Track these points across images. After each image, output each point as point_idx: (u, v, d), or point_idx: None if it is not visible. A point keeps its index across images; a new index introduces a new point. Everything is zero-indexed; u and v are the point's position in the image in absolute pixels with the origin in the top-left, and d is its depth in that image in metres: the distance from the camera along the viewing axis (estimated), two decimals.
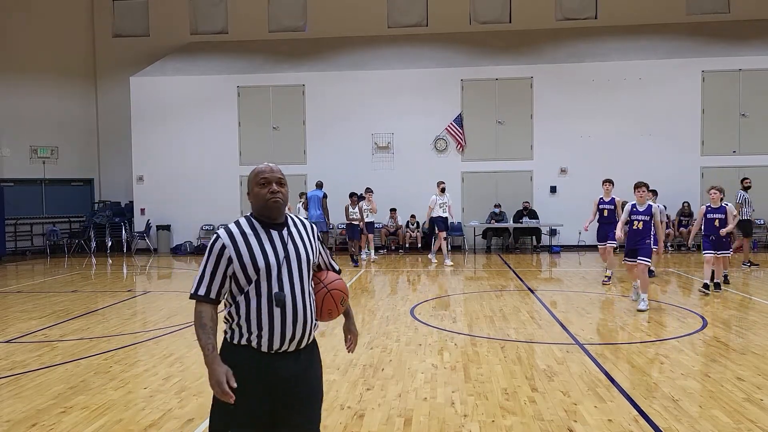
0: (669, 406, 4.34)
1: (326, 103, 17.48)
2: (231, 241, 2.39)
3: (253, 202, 2.48)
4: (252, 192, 2.48)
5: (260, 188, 2.46)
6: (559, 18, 18.70)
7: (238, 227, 2.43)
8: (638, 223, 8.05)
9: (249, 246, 2.38)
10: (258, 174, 2.50)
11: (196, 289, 2.40)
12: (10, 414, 4.41)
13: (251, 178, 2.51)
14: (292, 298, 2.40)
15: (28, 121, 18.43)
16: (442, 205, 13.49)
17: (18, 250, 18.13)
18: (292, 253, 2.45)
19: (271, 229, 2.45)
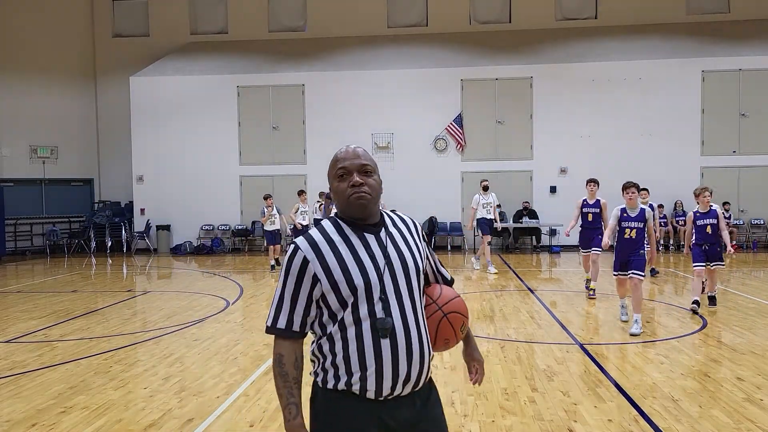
0: (669, 406, 4.34)
1: (326, 103, 17.47)
2: (315, 252, 1.83)
3: (336, 201, 1.93)
4: (332, 187, 1.94)
5: (339, 182, 1.89)
6: (558, 18, 18.69)
7: (322, 233, 1.88)
8: (630, 231, 6.78)
9: (340, 257, 1.82)
10: (335, 163, 1.92)
11: (273, 321, 1.86)
12: (10, 414, 4.41)
13: (329, 168, 1.96)
14: (402, 324, 1.81)
15: (28, 120, 18.43)
16: (485, 205, 12.01)
17: (18, 250, 18.13)
18: (396, 263, 1.87)
19: (365, 233, 1.88)
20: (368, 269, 1.82)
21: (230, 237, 17.86)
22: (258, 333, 7.00)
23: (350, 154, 1.91)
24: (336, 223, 1.91)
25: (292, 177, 17.36)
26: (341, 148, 1.95)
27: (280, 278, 1.89)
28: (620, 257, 6.85)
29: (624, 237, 6.81)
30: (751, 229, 16.50)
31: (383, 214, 1.97)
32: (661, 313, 7.81)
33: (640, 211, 6.82)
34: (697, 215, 7.70)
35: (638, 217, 6.81)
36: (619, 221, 6.85)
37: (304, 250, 1.84)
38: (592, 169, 16.39)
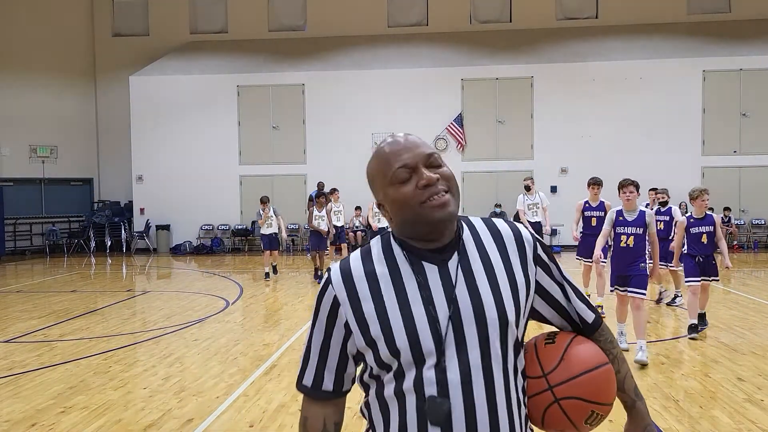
0: (669, 406, 4.33)
1: (326, 102, 17.46)
2: (348, 290, 1.30)
3: (393, 215, 1.32)
4: (385, 197, 1.32)
5: (401, 186, 1.28)
6: (559, 17, 18.68)
7: (364, 260, 1.33)
8: (627, 238, 5.68)
9: (380, 301, 1.27)
10: (386, 162, 1.31)
11: (299, 376, 1.40)
12: (9, 414, 4.40)
13: (376, 172, 1.34)
14: (466, 409, 1.21)
15: (28, 120, 18.41)
16: (531, 206, 10.51)
17: (17, 250, 18.11)
18: (468, 312, 1.25)
19: (425, 261, 1.29)
20: (418, 324, 1.23)
21: (230, 237, 17.84)
22: (258, 333, 6.99)
23: (405, 144, 1.31)
24: (387, 244, 1.34)
25: (292, 177, 17.35)
26: (385, 141, 1.36)
27: (311, 318, 1.39)
28: (617, 270, 5.74)
29: (620, 246, 5.70)
30: (752, 229, 16.49)
31: (461, 227, 1.34)
32: (662, 312, 7.79)
33: (639, 215, 5.69)
34: (691, 221, 6.45)
35: (636, 221, 5.67)
36: (614, 226, 5.77)
37: (336, 285, 1.31)
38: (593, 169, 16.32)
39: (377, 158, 1.34)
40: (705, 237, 6.43)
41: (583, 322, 1.43)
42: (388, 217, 1.34)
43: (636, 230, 5.67)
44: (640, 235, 5.67)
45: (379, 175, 1.33)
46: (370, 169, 1.37)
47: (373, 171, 1.36)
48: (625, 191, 5.72)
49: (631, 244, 5.64)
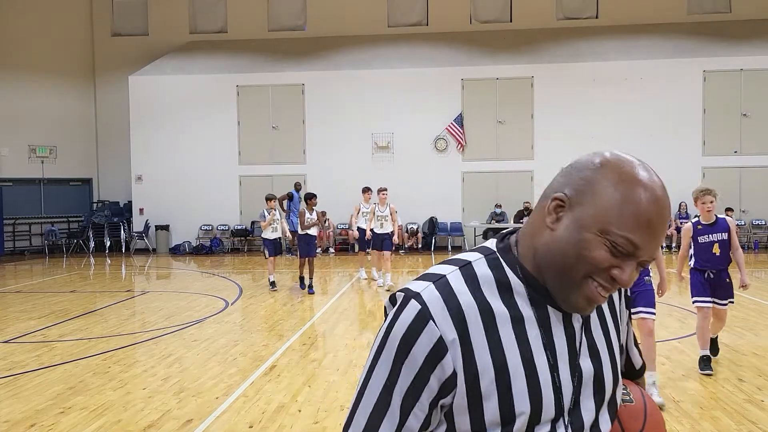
0: (670, 407, 4.31)
1: (326, 102, 17.45)
2: (458, 328, 0.96)
3: (556, 251, 0.97)
4: (578, 226, 0.95)
5: (606, 252, 0.93)
6: (559, 17, 18.67)
7: (472, 286, 0.99)
8: None
9: (498, 349, 0.97)
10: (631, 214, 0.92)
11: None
12: (8, 414, 4.39)
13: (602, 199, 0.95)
14: None
15: (27, 120, 18.40)
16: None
17: (16, 250, 18.10)
18: (588, 374, 1.03)
19: (551, 306, 1.01)
20: (543, 389, 0.98)
21: (229, 237, 17.83)
22: (257, 334, 6.97)
23: (663, 222, 0.94)
24: (500, 269, 1.01)
25: (292, 177, 17.32)
26: (658, 190, 0.95)
27: (377, 356, 1.00)
28: None
29: None
30: (752, 230, 16.48)
31: None
32: (663, 313, 7.78)
33: None
34: (699, 228, 5.16)
35: None
36: None
37: (441, 322, 0.95)
38: None
39: (624, 197, 0.93)
40: (717, 247, 5.11)
41: (632, 367, 1.24)
42: (546, 223, 0.99)
43: None
44: None
45: (609, 211, 0.93)
46: (606, 188, 0.95)
47: (606, 197, 0.94)
48: None
49: None
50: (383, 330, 1.00)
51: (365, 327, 7.18)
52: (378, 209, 10.51)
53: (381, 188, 10.66)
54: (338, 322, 7.47)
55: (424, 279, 1.02)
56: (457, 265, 1.03)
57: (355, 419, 1.02)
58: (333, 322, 7.54)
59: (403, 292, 1.00)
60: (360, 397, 1.01)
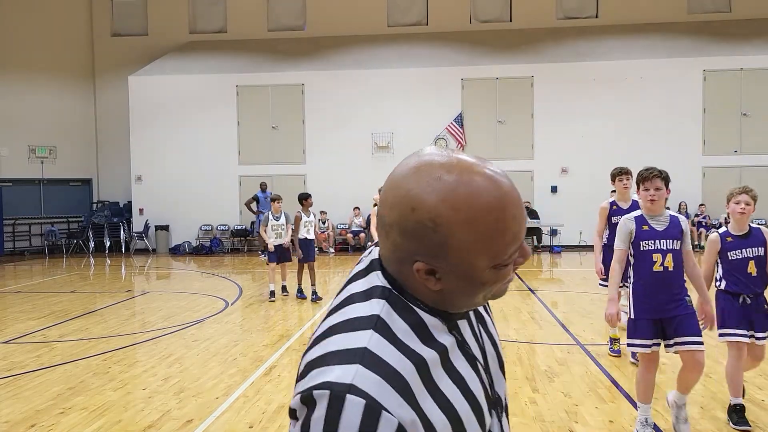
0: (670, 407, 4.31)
1: (326, 102, 17.45)
2: (409, 402, 0.82)
3: (454, 287, 0.90)
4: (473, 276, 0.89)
5: (503, 268, 0.90)
6: (559, 17, 18.67)
7: (397, 343, 0.86)
8: (662, 258, 3.73)
9: (439, 395, 0.88)
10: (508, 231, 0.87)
11: None
12: (8, 415, 4.38)
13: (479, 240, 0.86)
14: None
15: (26, 120, 18.40)
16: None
17: (16, 251, 18.10)
18: (493, 363, 1.05)
19: (459, 320, 0.98)
20: (478, 396, 0.94)
21: (229, 237, 17.82)
22: (257, 334, 6.97)
23: (522, 211, 0.92)
24: (411, 313, 0.91)
25: (292, 177, 17.32)
26: (508, 194, 0.94)
27: None
28: (647, 310, 3.65)
29: (652, 270, 3.64)
30: None
31: None
32: None
33: (673, 222, 3.73)
34: (729, 240, 4.03)
35: (670, 231, 3.71)
36: (636, 239, 3.77)
37: (393, 407, 0.81)
38: (593, 168, 16.40)
39: (496, 213, 0.88)
40: (753, 265, 3.98)
41: None
42: (428, 286, 0.89)
43: (672, 244, 3.63)
44: (678, 252, 3.64)
45: (486, 243, 0.86)
46: (465, 227, 0.85)
47: (472, 232, 0.86)
48: (647, 186, 3.72)
49: (670, 267, 3.60)
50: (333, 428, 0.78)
51: None
52: None
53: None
54: None
55: (341, 361, 0.83)
56: (368, 326, 0.87)
57: None
58: None
59: (327, 389, 0.80)
60: None
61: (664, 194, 3.75)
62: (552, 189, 17.02)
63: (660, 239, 3.68)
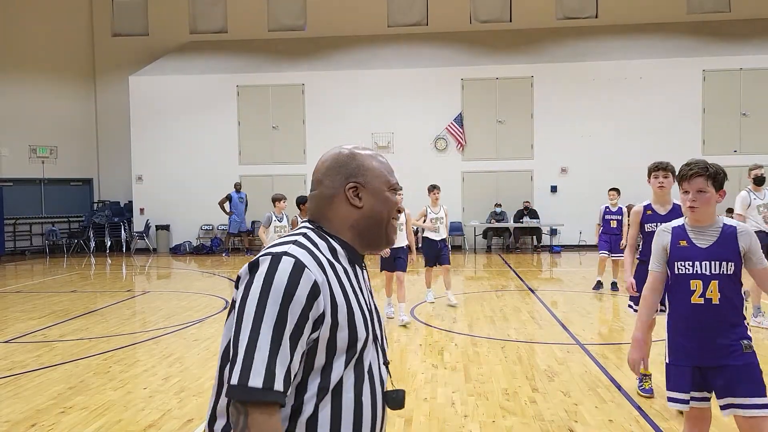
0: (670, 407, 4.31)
1: (326, 102, 17.46)
2: (325, 275, 1.29)
3: (366, 217, 1.43)
4: (379, 192, 1.44)
5: (393, 195, 1.48)
6: (559, 17, 18.68)
7: (316, 250, 1.33)
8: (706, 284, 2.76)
9: (344, 290, 1.32)
10: (389, 171, 1.50)
11: (267, 377, 1.16)
12: (9, 414, 4.39)
13: (379, 174, 1.46)
14: (382, 391, 1.40)
15: (27, 120, 18.41)
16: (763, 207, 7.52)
17: (17, 250, 18.11)
18: (374, 312, 1.46)
19: (357, 266, 1.44)
20: (366, 317, 1.36)
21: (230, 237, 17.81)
22: None
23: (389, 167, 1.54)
24: (329, 243, 1.38)
25: (292, 177, 17.33)
26: (376, 151, 1.52)
27: (260, 307, 1.20)
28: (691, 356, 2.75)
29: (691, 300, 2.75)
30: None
31: None
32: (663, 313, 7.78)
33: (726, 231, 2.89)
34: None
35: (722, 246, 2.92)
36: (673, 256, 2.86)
37: (313, 269, 1.25)
38: (593, 168, 16.42)
39: (381, 159, 1.50)
40: None
41: None
42: (354, 204, 1.41)
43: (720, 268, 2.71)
44: (728, 279, 2.70)
45: (382, 172, 1.47)
46: (368, 160, 1.46)
47: (374, 163, 1.47)
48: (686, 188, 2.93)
49: (715, 299, 2.69)
50: (259, 285, 1.21)
51: None
52: (432, 211, 8.69)
53: (435, 185, 8.79)
54: None
55: (278, 245, 1.30)
56: (297, 234, 1.37)
57: (253, 367, 1.16)
58: None
59: (268, 255, 1.26)
60: (252, 347, 1.17)
61: (711, 199, 2.81)
62: (552, 189, 17.03)
63: (702, 260, 2.70)
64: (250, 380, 1.15)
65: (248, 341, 1.18)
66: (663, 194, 4.68)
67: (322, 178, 1.45)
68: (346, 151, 1.47)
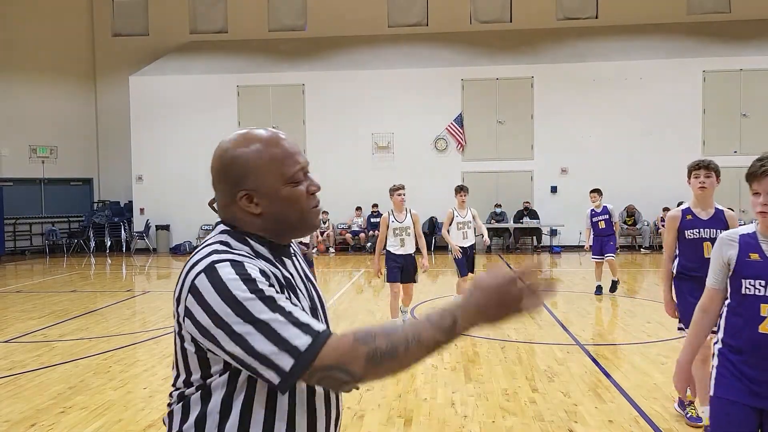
0: (669, 406, 4.32)
1: (326, 102, 17.46)
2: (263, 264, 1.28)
3: (273, 212, 1.29)
4: (275, 193, 1.28)
5: (295, 185, 1.30)
6: (559, 17, 18.68)
7: (244, 256, 1.25)
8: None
9: (282, 289, 1.29)
10: (288, 155, 1.31)
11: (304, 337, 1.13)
12: (9, 414, 4.39)
13: (268, 162, 1.28)
14: None
15: (28, 120, 18.41)
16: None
17: (17, 250, 18.11)
18: (315, 297, 1.40)
19: (284, 257, 1.36)
20: (308, 307, 1.33)
21: None
22: None
23: (296, 146, 1.34)
24: (245, 242, 1.29)
25: None
26: (270, 132, 1.34)
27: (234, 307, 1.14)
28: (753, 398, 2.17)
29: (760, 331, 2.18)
30: None
31: None
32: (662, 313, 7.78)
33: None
34: None
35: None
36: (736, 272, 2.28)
37: (249, 261, 1.22)
38: (593, 169, 16.42)
39: (274, 148, 1.29)
40: None
41: None
42: (257, 210, 1.28)
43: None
44: None
45: (274, 165, 1.27)
46: (254, 154, 1.27)
47: (259, 156, 1.27)
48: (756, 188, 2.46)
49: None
50: (213, 293, 1.14)
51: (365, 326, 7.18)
52: (458, 214, 7.69)
53: (462, 186, 7.86)
54: (338, 322, 7.48)
55: (197, 263, 1.21)
56: (214, 242, 1.27)
57: (286, 342, 1.12)
58: (333, 321, 7.53)
59: (201, 273, 1.18)
60: (269, 331, 1.12)
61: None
62: (552, 189, 17.03)
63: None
64: (297, 348, 1.11)
65: (259, 332, 1.12)
66: (705, 196, 3.99)
67: (215, 183, 1.34)
68: (227, 151, 1.29)
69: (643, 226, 16.11)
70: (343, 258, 15.62)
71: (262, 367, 1.12)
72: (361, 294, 9.83)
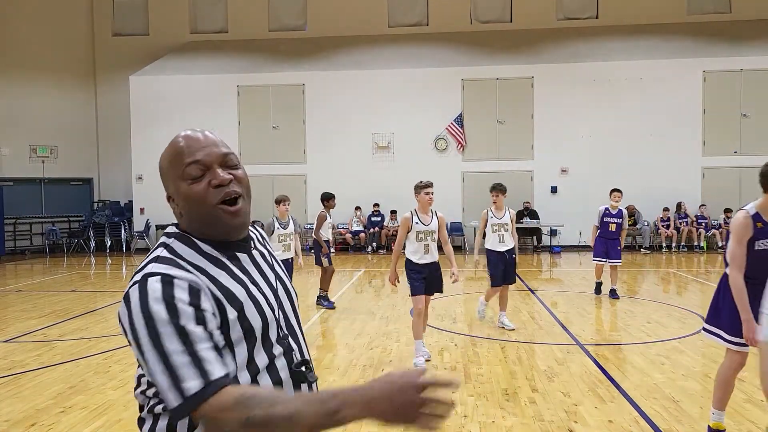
0: (669, 407, 4.32)
1: (326, 102, 17.46)
2: (196, 276, 1.26)
3: (185, 212, 1.34)
4: (176, 191, 1.35)
5: (193, 184, 1.31)
6: (560, 18, 18.68)
7: (187, 260, 1.29)
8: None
9: (221, 285, 1.28)
10: (182, 153, 1.32)
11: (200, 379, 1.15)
12: (9, 414, 4.39)
13: (168, 163, 1.36)
14: (308, 372, 1.38)
15: (28, 120, 18.42)
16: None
17: (17, 250, 18.12)
18: (282, 291, 1.43)
19: (238, 252, 1.36)
20: (260, 300, 1.32)
21: None
22: None
23: (203, 141, 1.32)
24: (189, 241, 1.32)
25: (292, 177, 17.34)
26: (182, 133, 1.35)
27: (150, 327, 1.19)
28: None
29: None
30: None
31: None
32: (662, 313, 7.79)
33: None
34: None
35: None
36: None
37: (181, 276, 1.22)
38: (593, 169, 16.43)
39: (171, 149, 1.34)
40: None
41: None
42: (178, 212, 1.36)
43: None
44: None
45: (171, 167, 1.33)
46: (163, 159, 1.36)
47: (164, 161, 1.35)
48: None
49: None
50: (139, 313, 1.18)
51: (365, 326, 7.18)
52: (494, 215, 7.00)
53: (497, 185, 7.07)
54: (338, 322, 7.48)
55: (141, 269, 1.26)
56: (158, 248, 1.32)
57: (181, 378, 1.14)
58: (333, 321, 7.55)
59: (135, 284, 1.23)
60: (167, 362, 1.15)
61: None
62: (552, 189, 17.03)
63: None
64: (185, 391, 1.13)
65: (161, 362, 1.16)
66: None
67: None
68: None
69: (643, 226, 16.10)
70: (343, 258, 15.62)
71: (161, 392, 1.17)
72: (361, 294, 9.83)
